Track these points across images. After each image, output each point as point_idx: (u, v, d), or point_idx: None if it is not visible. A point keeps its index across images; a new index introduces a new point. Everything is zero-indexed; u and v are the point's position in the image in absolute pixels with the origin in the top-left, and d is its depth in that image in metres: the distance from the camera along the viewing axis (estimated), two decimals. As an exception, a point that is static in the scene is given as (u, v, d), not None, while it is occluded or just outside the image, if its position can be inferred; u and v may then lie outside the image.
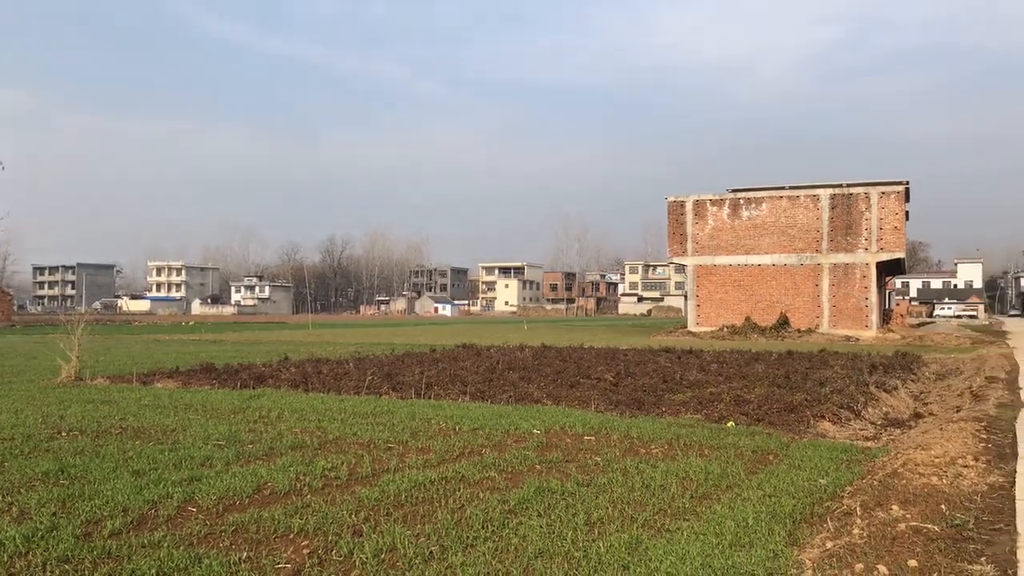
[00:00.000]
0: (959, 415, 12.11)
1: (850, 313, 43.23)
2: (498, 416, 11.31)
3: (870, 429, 12.07)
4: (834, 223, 43.70)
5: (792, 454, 8.96)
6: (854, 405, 13.45)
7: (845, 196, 43.69)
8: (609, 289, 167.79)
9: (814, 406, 12.75)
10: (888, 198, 42.85)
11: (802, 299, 44.16)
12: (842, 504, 6.59)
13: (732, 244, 45.85)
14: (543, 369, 18.37)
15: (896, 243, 42.97)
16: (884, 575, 4.67)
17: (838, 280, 43.55)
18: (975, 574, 4.88)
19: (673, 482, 7.39)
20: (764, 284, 44.98)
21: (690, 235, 46.76)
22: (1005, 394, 15.00)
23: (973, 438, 9.61)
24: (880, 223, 42.83)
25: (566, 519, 6.13)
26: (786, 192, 45.34)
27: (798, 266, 44.38)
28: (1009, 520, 6.15)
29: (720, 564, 5.11)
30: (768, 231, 45.14)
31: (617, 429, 10.35)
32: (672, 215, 47.45)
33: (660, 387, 15.18)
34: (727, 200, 46.27)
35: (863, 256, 43.14)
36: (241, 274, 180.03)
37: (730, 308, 45.43)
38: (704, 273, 46.47)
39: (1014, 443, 9.66)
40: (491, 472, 7.73)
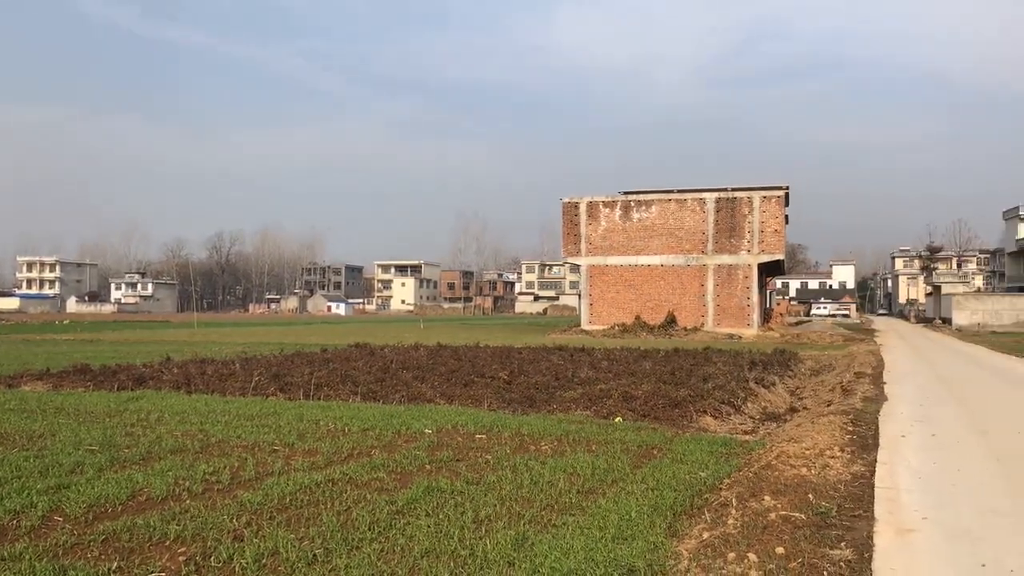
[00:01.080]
0: (829, 409, 12.83)
1: (733, 312, 45.07)
2: (389, 416, 11.21)
3: (749, 423, 12.64)
4: (719, 226, 45.47)
5: (675, 448, 9.27)
6: (735, 400, 14.04)
7: (729, 200, 45.52)
8: (506, 288, 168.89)
9: (697, 402, 13.23)
10: (769, 202, 44.91)
11: (689, 298, 45.73)
12: (720, 496, 6.87)
13: (624, 245, 46.99)
14: (437, 368, 18.32)
15: (776, 245, 45.08)
16: (753, 563, 4.91)
17: (722, 280, 45.33)
18: (835, 558, 5.20)
19: (561, 478, 7.53)
20: (653, 284, 46.32)
21: (584, 236, 47.64)
22: (871, 389, 16.00)
23: (840, 431, 10.21)
24: (762, 226, 44.84)
25: (454, 518, 6.14)
26: (675, 195, 46.83)
27: (685, 267, 45.93)
28: (868, 507, 6.58)
29: (603, 557, 5.23)
30: (657, 233, 46.50)
31: (509, 427, 10.44)
32: (567, 216, 48.21)
33: (552, 385, 15.40)
34: (619, 202, 47.39)
35: (746, 257, 45.05)
36: (122, 271, 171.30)
37: (621, 307, 46.55)
38: (597, 273, 47.44)
39: (876, 435, 10.32)
40: (380, 473, 7.66)
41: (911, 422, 11.63)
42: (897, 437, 10.22)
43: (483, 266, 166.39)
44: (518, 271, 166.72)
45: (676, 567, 5.04)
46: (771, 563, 5.00)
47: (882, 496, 6.97)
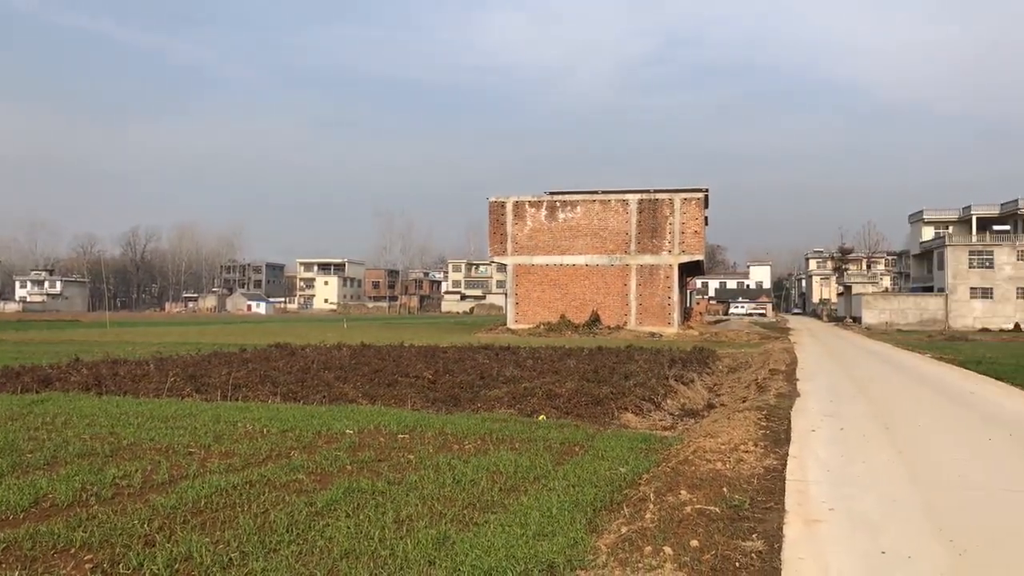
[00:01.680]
0: (744, 405, 13.23)
1: (655, 311, 45.99)
2: (310, 417, 11.03)
3: (668, 419, 12.92)
4: (641, 227, 46.33)
5: (597, 445, 9.40)
6: (655, 397, 14.33)
7: (652, 201, 46.42)
8: (433, 287, 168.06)
9: (619, 399, 13.46)
10: (690, 204, 46.00)
11: (612, 298, 46.45)
12: (639, 491, 7.01)
13: (549, 245, 47.40)
14: (360, 368, 18.11)
15: (696, 246, 46.22)
16: (669, 556, 5.03)
17: (644, 280, 46.21)
18: (747, 550, 5.37)
19: (483, 476, 7.55)
20: (578, 283, 46.87)
21: (510, 235, 47.85)
22: (784, 385, 16.56)
23: (755, 426, 10.55)
24: (682, 227, 45.90)
25: (375, 518, 6.09)
26: (599, 196, 47.50)
27: (609, 266, 46.63)
28: (779, 499, 6.82)
29: (523, 554, 5.27)
30: (582, 233, 47.08)
31: (432, 426, 10.41)
32: (493, 215, 48.34)
33: (477, 384, 15.42)
34: (545, 202, 47.78)
35: (667, 258, 46.03)
36: (27, 268, 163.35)
37: (547, 306, 46.95)
38: (523, 272, 47.72)
39: (788, 430, 10.70)
40: (299, 474, 7.54)
41: (821, 417, 12.09)
42: (808, 431, 10.62)
43: (408, 265, 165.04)
44: (444, 270, 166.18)
45: (594, 562, 5.12)
46: (686, 556, 5.13)
47: (792, 489, 7.24)
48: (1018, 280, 65.37)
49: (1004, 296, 65.48)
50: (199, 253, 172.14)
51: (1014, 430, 11.09)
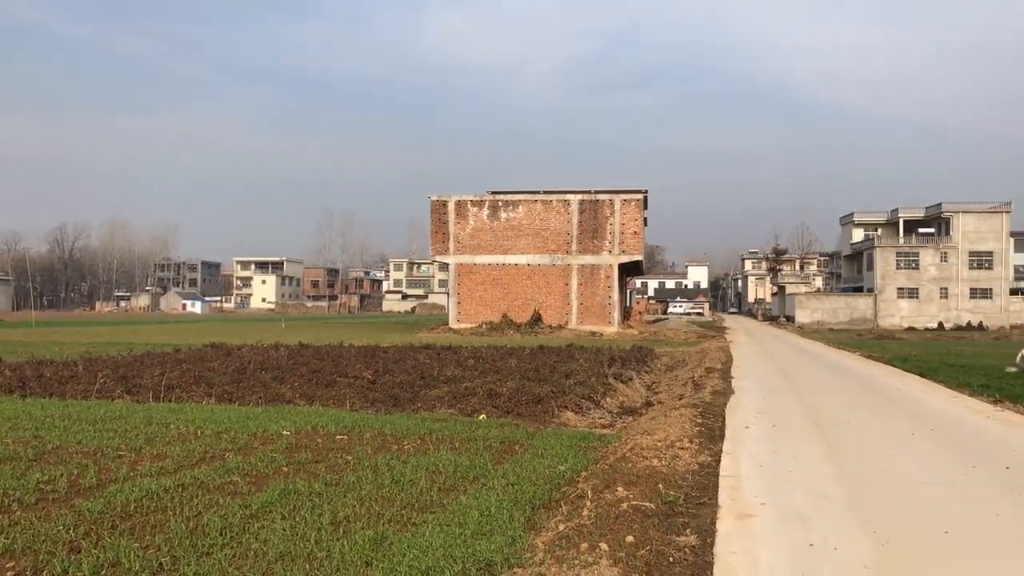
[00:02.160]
0: (681, 402, 13.47)
1: (596, 310, 46.46)
2: (245, 418, 10.84)
3: (607, 417, 13.08)
4: (583, 227, 46.75)
5: (537, 443, 9.47)
6: (595, 396, 14.50)
7: (592, 202, 46.89)
8: (373, 286, 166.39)
9: (559, 397, 13.57)
10: (629, 205, 46.60)
11: (554, 297, 46.76)
12: (577, 488, 7.08)
13: (491, 244, 47.46)
14: (298, 368, 17.87)
15: (636, 246, 46.84)
16: (605, 552, 5.10)
17: (585, 280, 46.64)
18: (681, 544, 5.49)
19: (423, 476, 7.53)
20: (520, 283, 47.05)
21: (452, 234, 47.75)
22: (720, 383, 16.92)
23: (690, 423, 10.75)
24: (622, 228, 46.48)
25: (311, 520, 6.03)
26: (541, 196, 47.75)
27: (551, 266, 46.92)
28: (713, 495, 6.98)
29: (461, 553, 5.28)
30: (524, 233, 47.27)
31: (371, 427, 10.34)
32: (435, 214, 48.17)
33: (418, 383, 15.37)
34: (487, 202, 47.82)
35: (607, 258, 46.55)
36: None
37: (489, 305, 47.01)
38: (465, 271, 47.67)
39: (723, 426, 10.94)
40: (234, 476, 7.40)
41: (754, 414, 12.39)
42: (741, 428, 10.87)
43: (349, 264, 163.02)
44: (386, 269, 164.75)
45: (532, 559, 5.16)
46: (621, 552, 5.21)
47: (725, 484, 7.41)
48: (941, 281, 68.00)
49: (929, 296, 68.03)
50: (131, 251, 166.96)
51: (935, 425, 11.55)
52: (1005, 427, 11.33)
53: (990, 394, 15.03)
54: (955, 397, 15.18)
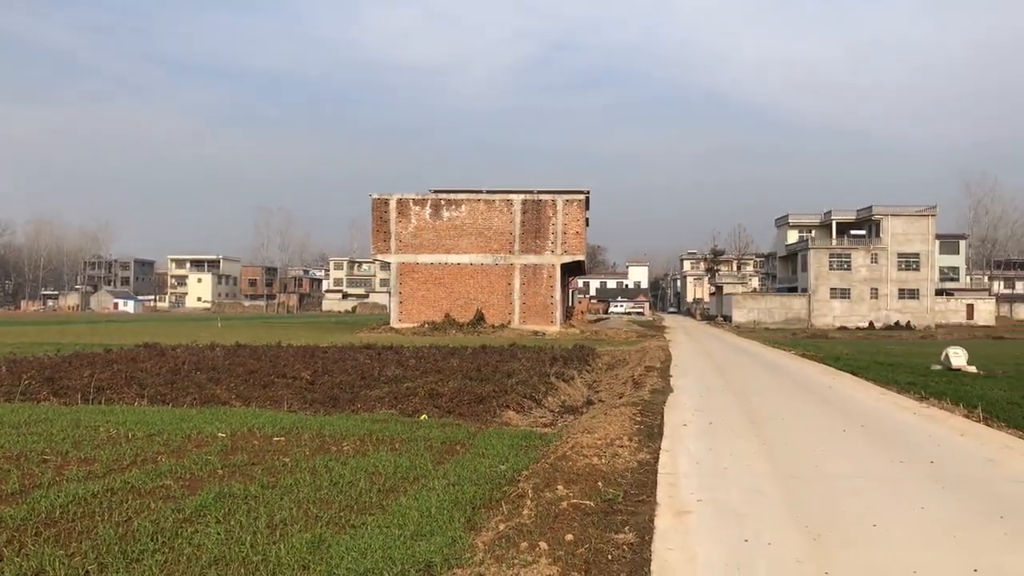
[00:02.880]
0: (621, 401, 13.62)
1: (538, 310, 46.66)
2: (179, 420, 10.56)
3: (549, 416, 13.15)
4: (525, 227, 46.89)
5: (478, 443, 9.45)
6: (536, 395, 14.55)
7: (535, 202, 47.06)
8: (313, 285, 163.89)
9: (501, 397, 13.58)
10: (571, 205, 46.91)
11: (497, 297, 46.79)
12: (518, 487, 7.09)
13: (434, 243, 47.25)
14: (235, 369, 17.49)
15: (578, 246, 47.19)
16: (544, 550, 5.12)
17: (528, 279, 46.79)
18: (619, 542, 5.54)
19: (362, 478, 7.45)
20: (463, 282, 46.95)
21: (394, 233, 47.38)
22: (659, 381, 17.16)
23: (630, 421, 10.87)
24: (565, 228, 46.76)
25: (247, 523, 5.90)
26: (483, 196, 47.72)
27: (493, 266, 46.94)
28: (651, 492, 7.07)
29: (400, 555, 5.24)
30: (467, 232, 47.18)
31: (309, 428, 10.18)
32: (376, 213, 47.72)
33: (358, 384, 15.20)
34: (429, 200, 47.58)
35: (550, 258, 46.79)
36: None
37: (431, 305, 46.78)
38: (407, 271, 47.35)
39: (662, 424, 11.09)
40: (166, 480, 7.20)
41: (692, 411, 12.60)
42: (680, 426, 11.04)
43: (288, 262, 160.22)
44: (326, 268, 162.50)
45: (471, 559, 5.15)
46: (560, 550, 5.23)
47: (663, 482, 7.51)
48: (872, 282, 70.23)
49: (860, 296, 70.19)
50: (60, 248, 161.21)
51: (866, 421, 11.92)
52: (930, 423, 11.76)
53: (916, 391, 15.57)
54: (884, 394, 15.69)
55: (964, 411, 12.72)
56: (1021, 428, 11.10)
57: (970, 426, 11.41)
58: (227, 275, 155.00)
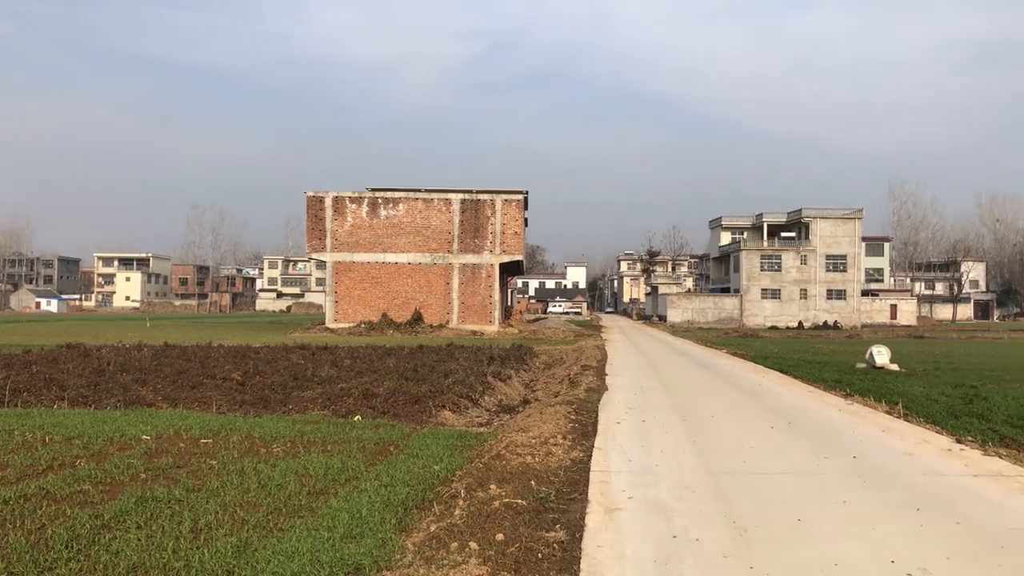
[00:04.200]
0: (557, 400, 13.68)
1: (477, 309, 46.61)
2: (101, 423, 10.19)
3: (485, 415, 13.13)
4: (464, 226, 46.78)
5: (412, 444, 9.37)
6: (473, 394, 14.52)
7: (474, 201, 47.00)
8: (247, 284, 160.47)
9: (437, 397, 13.51)
10: (510, 205, 47.00)
11: (435, 296, 46.57)
12: (451, 488, 7.05)
13: (371, 242, 46.75)
14: (163, 370, 17.00)
15: (517, 246, 47.30)
16: (474, 551, 5.09)
17: (467, 279, 46.71)
18: (550, 540, 5.56)
19: (291, 480, 7.31)
20: (400, 282, 46.59)
21: (329, 231, 46.72)
22: (594, 380, 17.31)
23: (565, 419, 10.93)
24: (503, 228, 46.83)
25: (169, 528, 5.73)
26: (422, 195, 47.44)
27: (432, 265, 46.71)
28: (583, 490, 7.11)
29: (329, 558, 5.15)
30: (405, 231, 46.83)
31: (239, 430, 9.95)
32: (312, 210, 46.97)
33: (290, 385, 14.94)
34: (366, 198, 47.06)
35: (489, 257, 46.79)
36: None
37: (368, 304, 46.28)
38: (343, 270, 46.75)
39: (596, 422, 11.19)
40: (85, 485, 6.94)
41: (626, 410, 12.75)
42: (613, 424, 11.15)
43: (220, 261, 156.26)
44: (260, 267, 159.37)
45: (401, 561, 5.09)
46: (491, 550, 5.22)
47: (596, 479, 7.57)
48: (801, 282, 72.25)
49: (790, 297, 72.14)
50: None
51: (792, 418, 12.23)
52: (854, 419, 12.14)
53: (842, 389, 16.07)
54: (811, 392, 16.14)
55: (886, 408, 13.16)
56: (939, 423, 11.54)
57: (891, 422, 11.82)
58: (157, 274, 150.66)
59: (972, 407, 13.15)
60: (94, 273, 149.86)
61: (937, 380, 18.22)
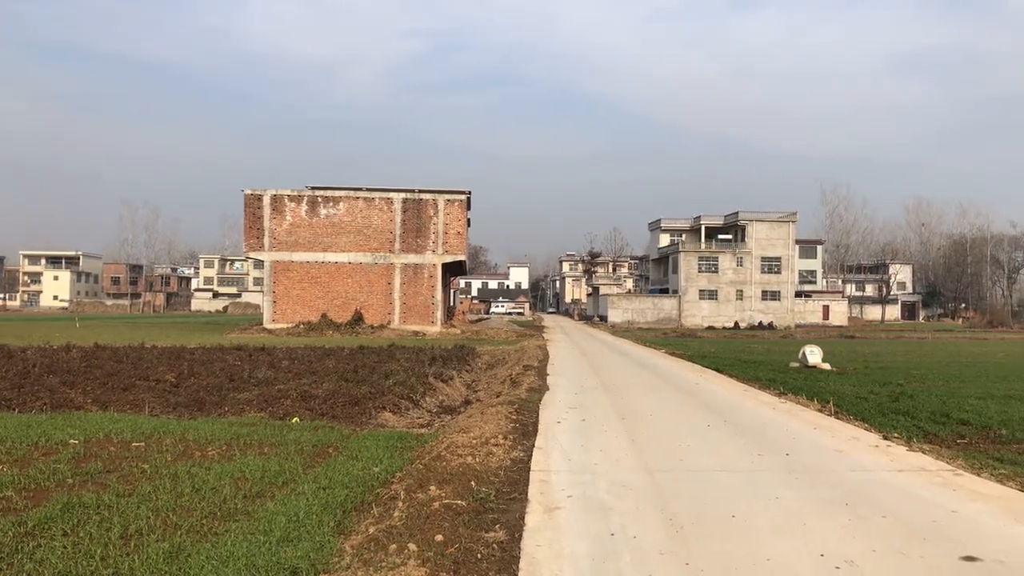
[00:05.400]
0: (498, 400, 13.71)
1: (419, 310, 46.36)
2: (25, 427, 9.83)
3: (426, 416, 13.08)
4: (406, 226, 46.50)
5: (352, 445, 9.28)
6: (414, 395, 14.44)
7: (416, 201, 46.75)
8: (182, 284, 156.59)
9: (377, 398, 13.40)
10: (453, 205, 46.88)
11: (376, 296, 46.16)
12: (391, 489, 7.01)
13: (310, 241, 46.10)
14: (93, 372, 16.47)
15: (459, 247, 47.21)
16: (413, 552, 5.07)
17: (409, 279, 46.43)
18: (489, 540, 5.57)
19: (227, 483, 7.17)
20: (341, 281, 46.04)
21: (268, 230, 45.90)
22: (536, 380, 17.40)
23: (506, 419, 10.96)
24: (446, 228, 46.68)
25: (98, 535, 5.56)
26: (363, 193, 46.98)
27: (373, 265, 46.29)
28: (523, 489, 7.14)
29: (265, 562, 5.07)
30: (346, 230, 46.31)
31: (172, 433, 9.71)
32: (249, 209, 46.07)
33: (226, 386, 14.64)
34: (306, 197, 46.38)
35: (431, 257, 46.60)
36: None
37: (307, 304, 45.62)
38: (282, 269, 45.98)
39: (537, 422, 11.25)
40: (7, 491, 6.69)
41: (567, 409, 12.85)
42: (554, 423, 11.23)
43: (154, 259, 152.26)
44: (196, 266, 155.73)
45: (339, 564, 5.04)
46: (430, 551, 5.20)
47: (536, 479, 7.61)
48: (738, 284, 73.84)
49: (726, 298, 73.66)
50: None
51: (728, 416, 12.50)
52: (787, 417, 12.46)
53: (776, 387, 16.48)
54: (746, 391, 16.51)
55: (818, 406, 13.55)
56: (867, 421, 11.93)
57: (823, 420, 12.17)
58: (87, 272, 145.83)
59: (899, 405, 13.64)
60: (20, 271, 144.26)
61: (866, 379, 18.84)
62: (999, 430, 11.04)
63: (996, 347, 38.10)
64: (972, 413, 12.54)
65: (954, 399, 14.47)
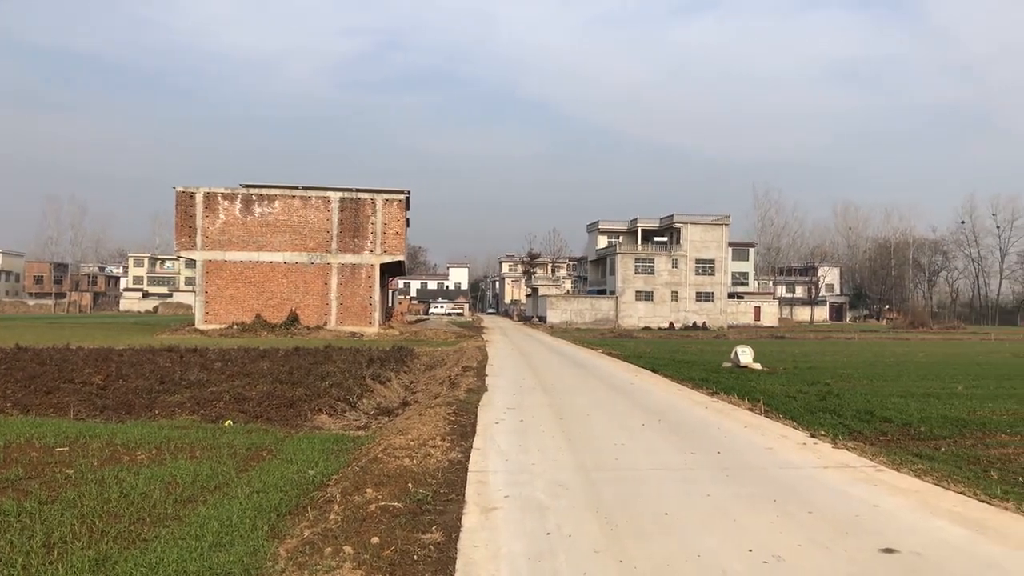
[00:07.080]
0: (436, 401, 13.69)
1: (356, 311, 45.89)
2: (-60, 432, 9.42)
3: (363, 418, 12.98)
4: (343, 225, 45.97)
5: (286, 448, 9.16)
6: (351, 397, 14.32)
7: (354, 200, 46.26)
8: (110, 283, 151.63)
9: (314, 400, 13.25)
10: (391, 205, 46.55)
11: (312, 297, 45.52)
12: (326, 492, 6.95)
13: (244, 240, 45.19)
14: (13, 374, 15.86)
15: (398, 247, 46.90)
16: (349, 555, 5.05)
17: (346, 279, 45.91)
18: (426, 542, 5.57)
19: (157, 488, 7.00)
20: (276, 282, 45.27)
21: (200, 228, 44.82)
22: (475, 380, 17.42)
23: (444, 421, 10.96)
24: (384, 227, 46.31)
25: (19, 543, 5.37)
26: (299, 192, 46.27)
27: (309, 265, 45.64)
28: (461, 490, 7.16)
29: (196, 567, 4.98)
30: (281, 229, 45.54)
31: (99, 437, 9.43)
32: (181, 207, 44.92)
33: (156, 388, 14.28)
34: (240, 195, 45.45)
35: (369, 257, 46.17)
36: None
37: (241, 305, 44.71)
38: (214, 269, 44.96)
39: (475, 423, 11.27)
40: (-80, 501, 6.40)
41: (505, 410, 12.90)
42: (492, 424, 11.27)
43: (80, 258, 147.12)
44: (124, 265, 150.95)
45: (273, 568, 4.99)
46: (366, 554, 5.18)
47: (473, 479, 7.64)
48: (673, 285, 75.16)
49: (662, 299, 74.91)
50: None
51: (662, 415, 12.73)
52: (719, 416, 12.76)
53: (709, 387, 16.85)
54: (680, 390, 16.83)
55: (749, 405, 13.91)
56: (796, 419, 12.31)
57: (753, 418, 12.50)
58: (8, 271, 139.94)
59: (826, 403, 14.10)
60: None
61: (795, 378, 19.41)
62: (919, 427, 11.53)
63: (917, 347, 39.67)
64: (894, 411, 13.05)
65: (877, 398, 15.03)
